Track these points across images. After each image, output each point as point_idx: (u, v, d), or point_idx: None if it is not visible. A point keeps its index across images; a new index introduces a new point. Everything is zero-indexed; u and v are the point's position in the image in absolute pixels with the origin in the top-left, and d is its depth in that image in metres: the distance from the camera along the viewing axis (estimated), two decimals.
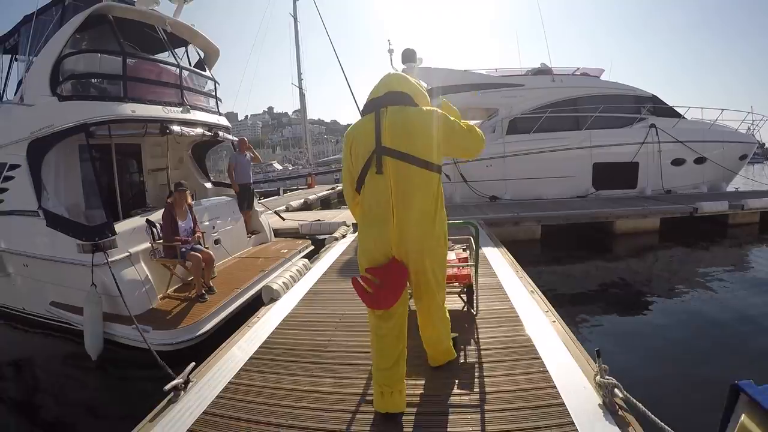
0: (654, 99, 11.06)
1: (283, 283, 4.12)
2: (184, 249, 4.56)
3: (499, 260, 4.65)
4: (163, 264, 4.72)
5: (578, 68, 11.37)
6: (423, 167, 1.92)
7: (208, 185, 7.42)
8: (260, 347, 2.92)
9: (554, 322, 3.02)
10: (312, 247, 6.70)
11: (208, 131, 6.25)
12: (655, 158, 10.47)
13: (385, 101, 1.97)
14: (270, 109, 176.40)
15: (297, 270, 4.54)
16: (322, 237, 7.38)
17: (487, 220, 7.20)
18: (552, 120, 10.28)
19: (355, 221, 6.20)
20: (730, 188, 11.23)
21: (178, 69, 5.97)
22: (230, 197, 6.56)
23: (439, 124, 1.97)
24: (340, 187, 19.04)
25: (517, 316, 3.13)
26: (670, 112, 10.98)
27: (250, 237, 6.65)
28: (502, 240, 6.24)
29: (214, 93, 6.78)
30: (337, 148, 54.37)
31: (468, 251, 3.71)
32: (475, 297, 3.29)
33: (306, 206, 13.48)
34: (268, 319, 3.45)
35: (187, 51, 7.15)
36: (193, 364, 2.65)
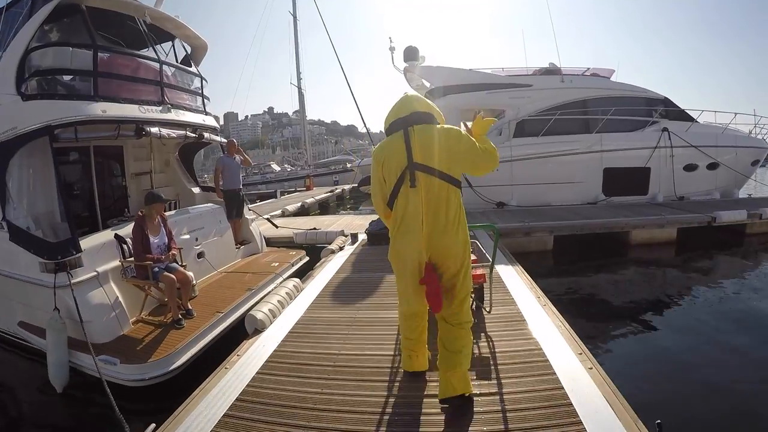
0: (666, 101, 10.61)
1: (269, 310, 3.60)
2: (156, 269, 4.03)
3: (516, 283, 4.12)
4: (135, 285, 4.19)
5: (588, 68, 10.86)
6: (449, 182, 2.12)
7: (197, 190, 6.90)
8: (237, 399, 2.41)
9: (591, 369, 2.50)
10: (306, 259, 6.17)
11: (191, 132, 5.73)
12: (667, 163, 10.00)
13: (412, 121, 2.16)
14: (270, 109, 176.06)
15: (286, 293, 4.01)
16: (320, 245, 6.87)
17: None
18: (561, 122, 9.77)
19: (353, 232, 5.50)
20: (742, 194, 10.79)
21: (158, 64, 5.44)
22: (217, 204, 6.03)
23: (460, 140, 2.16)
24: (339, 189, 18.53)
25: (546, 361, 2.61)
26: (683, 116, 10.53)
27: (238, 248, 6.12)
28: (513, 251, 5.75)
29: (200, 91, 6.25)
30: (336, 148, 53.82)
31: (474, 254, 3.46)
32: (489, 296, 3.39)
33: (303, 210, 12.95)
34: (249, 358, 2.93)
35: (173, 46, 6.64)
36: (153, 426, 2.15)
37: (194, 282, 4.64)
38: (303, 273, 5.60)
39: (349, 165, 23.35)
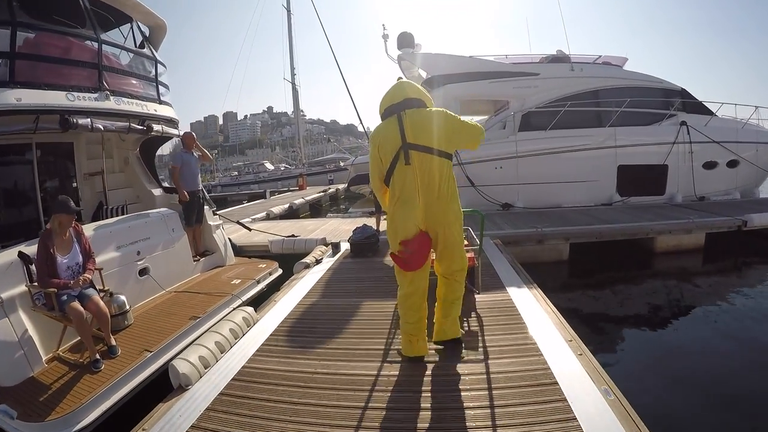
0: (683, 93, 9.65)
1: (200, 358, 2.67)
2: (65, 296, 3.11)
3: (533, 309, 3.17)
4: (46, 315, 3.27)
5: (600, 56, 9.89)
6: (440, 156, 2.36)
7: (158, 192, 5.98)
8: None
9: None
10: (279, 272, 5.24)
11: (138, 124, 4.81)
12: (686, 160, 9.06)
13: (404, 106, 2.41)
14: (269, 108, 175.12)
15: (231, 330, 3.07)
16: (300, 254, 5.96)
17: (504, 238, 5.73)
18: (571, 115, 8.81)
19: (335, 241, 5.35)
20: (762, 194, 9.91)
21: (97, 44, 4.52)
22: (171, 209, 5.11)
23: (448, 120, 2.40)
24: (332, 189, 17.60)
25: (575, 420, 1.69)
26: (701, 109, 9.59)
27: (197, 260, 5.19)
28: (523, 262, 4.85)
29: (154, 76, 5.32)
30: (333, 147, 52.72)
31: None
32: (478, 277, 3.50)
33: (291, 212, 12.04)
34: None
35: (132, 28, 5.74)
36: None
37: (128, 307, 3.75)
38: (273, 289, 4.69)
39: (342, 164, 22.37)
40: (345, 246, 5.50)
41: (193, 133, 5.39)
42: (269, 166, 29.76)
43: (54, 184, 5.42)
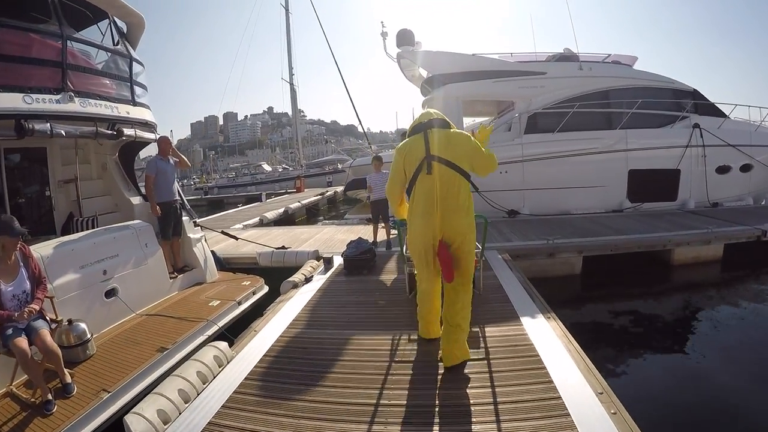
0: (695, 94, 9.22)
1: (159, 412, 2.22)
2: (10, 331, 2.65)
3: (555, 349, 2.70)
4: None
5: (609, 54, 9.41)
6: (459, 172, 2.55)
7: (137, 200, 5.52)
8: None
9: None
10: (264, 290, 4.79)
11: (106, 129, 4.37)
12: (699, 164, 8.60)
13: (430, 125, 2.65)
14: (270, 109, 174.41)
15: (198, 373, 2.61)
16: (290, 268, 5.51)
17: (512, 251, 5.27)
18: (580, 116, 8.34)
19: (328, 255, 5.09)
20: None
21: (61, 41, 4.07)
22: (146, 221, 4.65)
23: (469, 141, 2.63)
24: (330, 192, 17.13)
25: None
26: (714, 111, 9.14)
27: (175, 277, 4.73)
28: (532, 277, 4.43)
29: (127, 75, 4.86)
30: (331, 148, 51.99)
31: None
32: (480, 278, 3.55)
33: (286, 217, 11.58)
34: None
35: (110, 25, 5.30)
36: None
37: (89, 336, 3.29)
38: (258, 309, 4.25)
39: (340, 166, 21.88)
40: (338, 260, 5.04)
41: (168, 137, 4.89)
42: (267, 167, 29.30)
43: (25, 192, 5.00)
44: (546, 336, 2.88)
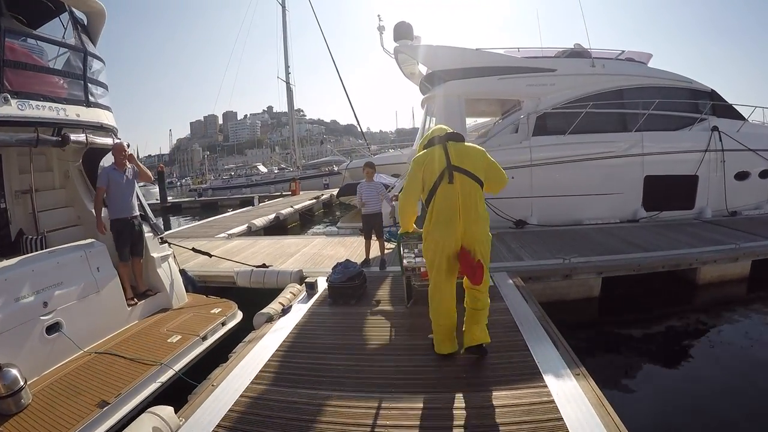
0: (713, 94, 8.59)
1: None
2: None
3: (583, 415, 2.06)
4: None
5: (623, 51, 8.76)
6: (477, 182, 2.68)
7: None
8: None
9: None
10: (238, 318, 4.15)
11: (52, 134, 3.74)
12: (717, 170, 7.98)
13: (447, 138, 2.80)
14: (269, 108, 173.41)
15: None
16: (268, 287, 4.89)
17: (524, 273, 4.63)
18: (593, 117, 7.70)
19: (312, 279, 4.45)
20: None
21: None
22: (99, 242, 4.01)
23: (485, 155, 2.79)
24: (325, 195, 16.48)
25: None
26: (732, 113, 8.54)
27: (135, 304, 4.09)
28: (545, 302, 3.87)
29: (81, 72, 4.22)
30: (328, 149, 51.01)
31: None
32: None
33: (278, 224, 10.94)
34: None
35: (72, 18, 4.67)
36: None
37: (21, 384, 2.68)
38: (231, 341, 3.63)
39: (336, 168, 21.21)
40: (323, 284, 4.39)
41: (123, 143, 4.20)
42: (262, 168, 28.63)
43: None
44: (577, 403, 2.23)
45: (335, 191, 16.38)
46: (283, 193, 19.14)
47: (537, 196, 7.52)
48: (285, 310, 3.79)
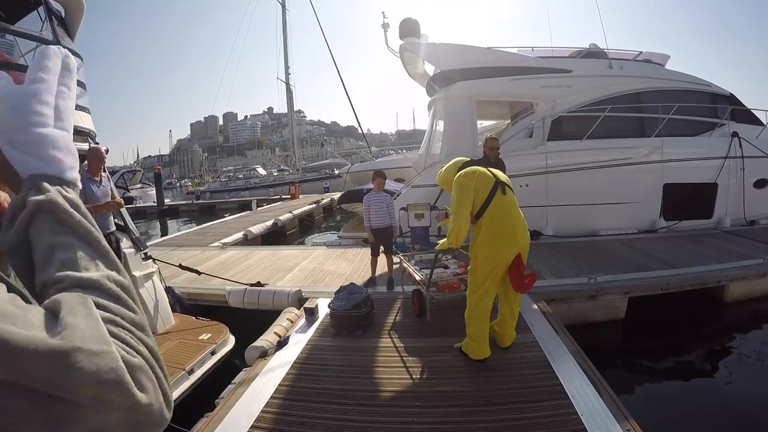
0: (731, 99, 8.19)
1: None
2: None
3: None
4: None
5: (641, 52, 8.32)
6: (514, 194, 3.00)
7: None
8: None
9: None
10: (229, 345, 3.69)
11: None
12: (737, 178, 7.56)
13: (481, 162, 3.27)
14: (270, 109, 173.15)
15: None
16: (263, 308, 4.42)
17: (547, 295, 4.16)
18: (610, 122, 7.26)
19: (311, 305, 4.02)
20: None
21: None
22: None
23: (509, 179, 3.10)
24: (326, 199, 16.01)
25: None
26: (751, 118, 8.16)
27: None
28: (568, 325, 3.43)
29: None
30: (328, 152, 50.55)
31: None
32: None
33: (276, 231, 10.47)
34: None
35: (47, 9, 4.22)
36: None
37: None
38: (222, 370, 3.17)
39: (336, 171, 20.71)
40: (323, 308, 3.92)
41: (101, 147, 3.68)
42: (261, 171, 28.12)
43: None
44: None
45: (336, 195, 15.93)
46: (283, 197, 18.68)
47: (552, 205, 7.06)
48: (281, 343, 3.31)
